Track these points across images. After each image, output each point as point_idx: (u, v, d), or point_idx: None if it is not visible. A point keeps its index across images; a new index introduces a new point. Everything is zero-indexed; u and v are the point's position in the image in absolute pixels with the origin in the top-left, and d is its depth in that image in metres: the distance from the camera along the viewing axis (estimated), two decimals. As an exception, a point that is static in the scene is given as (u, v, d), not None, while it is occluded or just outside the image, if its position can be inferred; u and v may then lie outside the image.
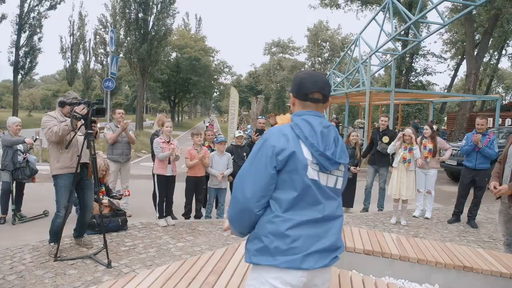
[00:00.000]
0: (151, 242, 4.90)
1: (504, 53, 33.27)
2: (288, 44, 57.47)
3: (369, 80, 16.01)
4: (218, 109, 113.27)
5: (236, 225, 1.74)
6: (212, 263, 2.77)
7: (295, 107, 1.83)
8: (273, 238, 1.63)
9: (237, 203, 1.68)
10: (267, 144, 1.66)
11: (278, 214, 1.65)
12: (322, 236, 1.68)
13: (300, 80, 1.79)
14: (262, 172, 1.64)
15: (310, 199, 1.67)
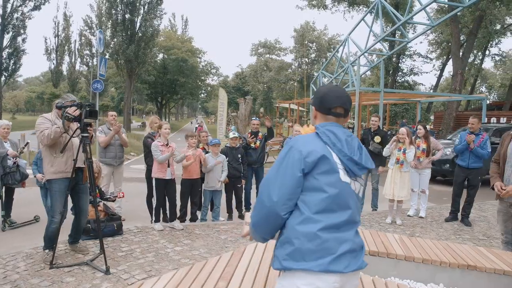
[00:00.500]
0: (148, 247, 4.80)
1: (487, 54, 33.82)
2: (274, 45, 57.55)
3: (359, 81, 16.09)
4: (204, 110, 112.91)
5: (260, 230, 1.74)
6: (219, 269, 2.71)
7: (316, 120, 1.87)
8: (305, 239, 1.62)
9: (263, 207, 1.68)
10: (294, 149, 1.69)
11: (308, 216, 1.65)
12: (350, 238, 1.69)
13: (323, 95, 1.84)
14: (289, 175, 1.65)
15: (341, 202, 1.68)
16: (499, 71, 48.32)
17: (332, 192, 1.65)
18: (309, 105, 2.82)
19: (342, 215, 1.67)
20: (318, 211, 1.65)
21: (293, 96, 52.97)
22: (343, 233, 1.67)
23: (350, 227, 1.70)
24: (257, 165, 7.28)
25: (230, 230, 5.81)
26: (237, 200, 6.90)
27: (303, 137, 1.77)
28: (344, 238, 1.66)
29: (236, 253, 3.05)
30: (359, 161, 1.73)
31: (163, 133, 5.69)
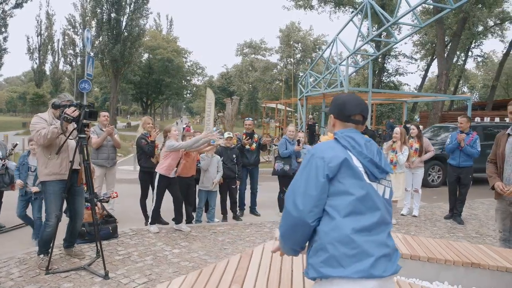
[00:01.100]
0: (145, 250, 4.70)
1: (470, 55, 34.48)
2: (260, 45, 57.67)
3: (347, 81, 16.17)
4: (189, 111, 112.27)
5: (289, 241, 1.74)
6: (230, 272, 2.65)
7: (335, 128, 1.89)
8: (339, 244, 1.60)
9: (290, 216, 1.68)
10: (316, 157, 1.71)
11: (339, 220, 1.63)
12: (383, 241, 1.66)
13: (342, 103, 1.87)
14: (313, 182, 1.66)
15: (369, 204, 1.68)
16: (481, 72, 49.34)
17: (359, 194, 1.65)
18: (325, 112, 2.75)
19: (372, 217, 1.66)
20: (347, 214, 1.63)
21: (278, 96, 53.14)
22: (376, 236, 1.64)
23: (382, 229, 1.68)
24: (252, 167, 7.25)
25: (226, 231, 5.74)
26: (231, 201, 6.84)
27: (323, 144, 1.79)
28: (377, 240, 1.64)
29: (244, 256, 2.99)
30: (379, 164, 1.74)
31: (174, 135, 5.55)
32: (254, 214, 7.26)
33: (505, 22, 29.22)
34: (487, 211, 7.88)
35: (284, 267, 2.72)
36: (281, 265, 2.75)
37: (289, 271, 2.67)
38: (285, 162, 7.01)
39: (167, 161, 5.44)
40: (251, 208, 7.35)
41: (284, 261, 2.83)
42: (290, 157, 7.03)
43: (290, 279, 2.53)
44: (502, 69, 27.85)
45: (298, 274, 2.60)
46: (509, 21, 28.75)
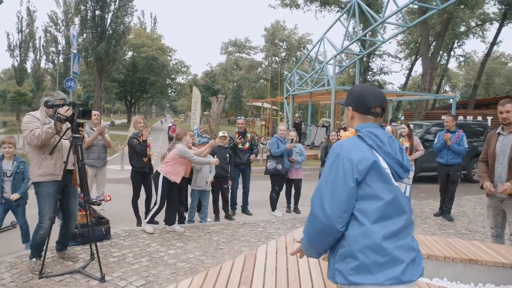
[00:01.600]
0: (140, 251, 4.61)
1: (452, 54, 35.14)
2: (245, 43, 57.70)
3: (334, 79, 16.28)
4: (173, 109, 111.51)
5: (316, 245, 1.70)
6: (237, 273, 2.61)
7: (353, 121, 1.82)
8: (370, 252, 1.55)
9: (317, 222, 1.62)
10: (343, 158, 1.63)
11: (369, 226, 1.58)
12: (410, 245, 1.63)
13: (360, 94, 1.80)
14: (341, 186, 1.59)
15: (397, 208, 1.63)
16: (462, 71, 50.30)
17: (388, 198, 1.60)
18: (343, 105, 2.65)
19: (399, 221, 1.62)
20: (376, 219, 1.59)
21: (263, 94, 53.29)
22: (404, 240, 1.61)
23: (408, 232, 1.65)
24: (244, 166, 7.22)
25: (221, 231, 5.69)
26: (223, 201, 6.79)
27: (348, 142, 1.70)
28: (405, 245, 1.61)
29: (249, 256, 2.95)
30: (403, 163, 1.70)
31: (187, 141, 5.63)
32: (246, 213, 7.22)
33: (485, 23, 29.91)
34: (474, 208, 8.02)
35: (291, 267, 2.69)
36: (287, 265, 2.73)
37: (296, 271, 2.64)
38: (277, 161, 7.00)
39: (174, 165, 5.42)
40: (243, 207, 7.31)
41: (290, 261, 2.80)
42: (282, 156, 7.02)
43: (298, 279, 2.51)
44: (483, 69, 28.42)
45: (305, 273, 2.59)
46: (489, 22, 29.46)
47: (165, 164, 5.52)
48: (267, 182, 7.86)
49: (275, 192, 7.23)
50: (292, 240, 1.90)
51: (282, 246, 3.02)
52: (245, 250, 4.87)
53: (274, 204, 7.22)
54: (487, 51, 27.62)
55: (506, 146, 4.07)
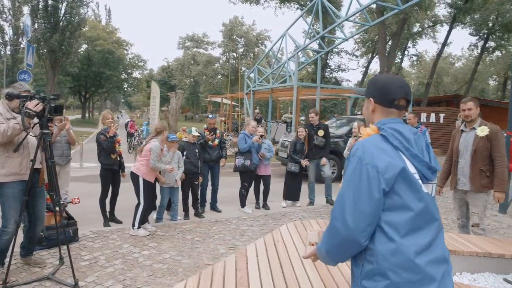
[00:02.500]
0: (112, 253, 4.38)
1: (406, 54, 36.55)
2: (202, 38, 57.19)
3: (296, 76, 16.40)
4: (128, 105, 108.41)
5: (336, 257, 1.57)
6: (231, 274, 2.51)
7: (375, 115, 1.65)
8: (402, 271, 1.41)
9: (338, 235, 1.47)
10: (366, 163, 1.45)
11: (399, 242, 1.42)
12: (442, 256, 1.50)
13: (384, 85, 1.63)
14: (366, 197, 1.43)
15: (428, 216, 1.49)
16: (414, 70, 52.51)
17: (418, 208, 1.45)
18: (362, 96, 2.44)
19: (430, 231, 1.49)
20: (407, 232, 1.43)
21: (220, 90, 53.08)
22: (436, 252, 1.48)
23: (439, 240, 1.52)
24: (213, 163, 7.11)
25: (193, 229, 5.55)
26: (193, 198, 6.66)
27: (370, 143, 1.51)
28: (437, 258, 1.47)
29: (239, 256, 2.86)
30: (431, 164, 1.54)
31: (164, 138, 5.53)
32: (215, 210, 7.11)
33: (436, 25, 31.38)
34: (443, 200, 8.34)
35: (285, 266, 2.64)
36: (281, 264, 2.67)
37: (291, 269, 2.59)
38: (246, 157, 6.95)
39: (148, 165, 5.27)
40: (212, 204, 7.20)
41: (283, 259, 2.75)
42: (251, 152, 6.98)
43: (295, 277, 2.46)
44: (435, 69, 29.79)
45: (301, 271, 2.54)
46: (439, 24, 30.94)
47: (140, 164, 5.30)
48: (234, 179, 7.80)
49: (245, 188, 7.17)
50: (308, 244, 1.79)
51: (270, 244, 2.97)
52: (221, 248, 4.78)
53: (244, 201, 7.16)
54: (439, 52, 29.00)
55: (468, 142, 4.28)
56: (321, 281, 2.44)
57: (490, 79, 42.35)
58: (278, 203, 7.66)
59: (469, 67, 40.41)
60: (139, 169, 5.27)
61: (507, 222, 6.71)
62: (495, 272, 3.79)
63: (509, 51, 32.95)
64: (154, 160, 5.24)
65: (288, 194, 7.72)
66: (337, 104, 41.26)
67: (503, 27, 26.31)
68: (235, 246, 4.88)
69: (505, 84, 37.73)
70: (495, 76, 39.96)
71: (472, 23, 27.03)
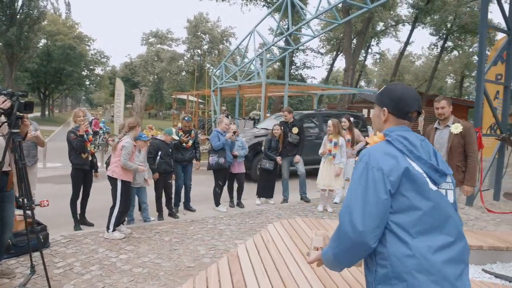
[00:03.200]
0: (88, 259, 4.16)
1: (370, 52, 37.46)
2: (166, 35, 56.37)
3: (265, 73, 16.38)
4: (89, 102, 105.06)
5: (343, 261, 1.55)
6: (226, 278, 2.41)
7: (386, 124, 1.69)
8: (417, 272, 1.41)
9: (347, 238, 1.47)
10: (372, 168, 1.49)
11: (412, 244, 1.43)
12: (459, 256, 1.50)
13: (401, 96, 1.65)
14: (373, 199, 1.45)
15: (439, 215, 1.49)
16: (377, 68, 53.97)
17: (426, 207, 1.47)
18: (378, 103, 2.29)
19: (445, 229, 1.49)
20: (418, 233, 1.45)
21: (185, 87, 52.47)
22: (451, 252, 1.47)
23: (457, 240, 1.51)
24: (186, 163, 6.98)
25: (170, 230, 5.39)
26: (167, 197, 6.50)
27: (376, 149, 1.56)
28: (454, 258, 1.47)
29: (231, 258, 2.77)
30: (440, 168, 1.56)
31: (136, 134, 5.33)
32: (189, 209, 6.97)
33: (398, 25, 32.33)
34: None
35: (280, 266, 2.58)
36: (276, 265, 2.60)
37: (287, 269, 2.53)
38: (219, 155, 6.86)
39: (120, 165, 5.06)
40: (185, 204, 7.04)
41: (276, 260, 2.69)
42: (224, 150, 6.90)
43: (292, 277, 2.40)
44: (398, 67, 30.69)
45: (297, 271, 2.48)
46: (401, 23, 31.89)
47: (115, 166, 5.07)
48: (206, 177, 7.68)
49: (219, 187, 7.07)
50: (312, 248, 1.73)
51: (261, 244, 2.90)
52: (201, 249, 4.66)
53: (218, 200, 7.05)
54: (402, 50, 29.89)
55: (443, 140, 4.39)
56: (318, 280, 2.39)
57: (448, 78, 44.14)
58: (251, 201, 7.61)
59: (429, 66, 41.95)
60: (115, 172, 5.04)
61: (474, 214, 6.96)
62: (474, 263, 3.91)
63: (466, 51, 34.52)
64: (125, 158, 4.98)
65: (262, 191, 7.68)
66: (303, 101, 41.74)
67: (460, 28, 27.48)
68: (215, 247, 4.77)
69: (462, 82, 39.51)
70: (452, 75, 41.66)
71: (432, 24, 28.04)
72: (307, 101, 43.88)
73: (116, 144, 5.16)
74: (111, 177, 5.06)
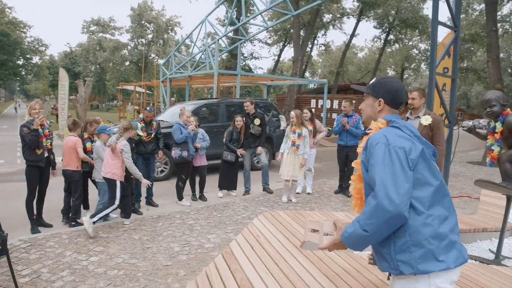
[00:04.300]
0: (55, 263, 3.86)
1: (316, 43, 38.23)
2: (109, 23, 54.11)
3: (217, 63, 16.17)
4: (25, 93, 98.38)
5: (378, 237, 1.65)
6: (229, 277, 2.32)
7: (382, 112, 1.88)
8: (433, 240, 1.61)
9: (385, 212, 1.58)
10: (394, 146, 1.66)
11: (427, 214, 1.63)
12: (456, 225, 1.72)
13: (397, 90, 1.87)
14: (402, 173, 1.61)
15: (443, 192, 1.71)
16: (321, 59, 55.34)
17: (436, 184, 1.68)
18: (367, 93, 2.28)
19: (446, 204, 1.70)
20: (430, 206, 1.65)
21: (128, 78, 50.71)
22: (452, 222, 1.69)
23: (453, 213, 1.72)
24: (148, 155, 6.74)
25: (138, 228, 5.16)
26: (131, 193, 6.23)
27: (391, 132, 1.72)
28: (455, 227, 1.70)
29: (226, 256, 2.68)
30: (436, 152, 1.82)
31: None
32: (151, 205, 6.74)
33: (344, 17, 33.27)
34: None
35: (279, 261, 2.53)
36: (274, 260, 2.56)
37: (286, 264, 2.49)
38: (182, 148, 6.72)
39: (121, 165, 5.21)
40: (148, 199, 6.81)
41: (272, 255, 2.64)
42: (187, 143, 6.75)
43: (294, 272, 2.36)
44: (344, 58, 31.63)
45: (296, 264, 2.45)
46: (346, 16, 32.86)
47: (115, 168, 5.14)
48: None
49: (182, 180, 6.92)
50: (321, 233, 1.75)
51: (252, 240, 2.83)
52: (176, 246, 4.51)
53: (181, 193, 6.90)
54: (348, 42, 30.81)
55: None
56: (319, 271, 2.39)
57: (389, 69, 46.31)
58: (213, 194, 7.53)
59: (371, 57, 43.70)
60: (116, 174, 5.13)
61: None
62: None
63: (406, 45, 36.36)
64: (129, 160, 5.21)
65: (224, 184, 7.61)
66: (251, 91, 41.92)
67: (402, 23, 28.84)
68: (189, 243, 4.64)
69: (402, 74, 41.59)
70: (393, 67, 43.74)
71: (375, 17, 29.14)
72: (255, 91, 44.10)
73: (115, 146, 5.15)
74: (109, 179, 5.12)
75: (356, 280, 2.29)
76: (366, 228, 1.62)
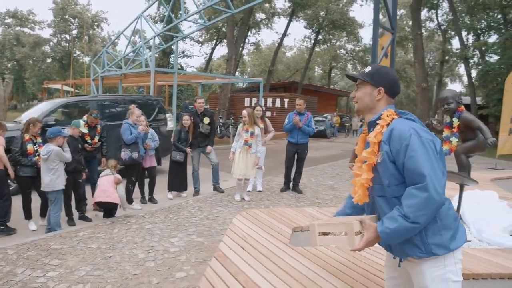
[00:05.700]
0: (7, 283, 3.42)
1: (247, 42, 38.57)
2: (28, 16, 49.97)
3: (154, 61, 15.65)
4: None
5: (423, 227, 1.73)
6: (230, 280, 2.23)
7: (379, 103, 1.91)
8: (455, 222, 1.82)
9: (434, 202, 1.66)
10: (425, 139, 1.73)
11: (447, 200, 1.81)
12: None
13: (396, 80, 1.96)
14: (438, 164, 1.71)
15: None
16: (251, 58, 56.03)
17: (446, 173, 1.79)
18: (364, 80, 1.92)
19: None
20: (444, 193, 1.75)
21: (51, 76, 47.26)
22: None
23: None
24: (90, 158, 6.37)
25: (93, 236, 4.81)
26: (77, 198, 5.88)
27: (413, 125, 1.78)
28: None
29: (222, 259, 2.57)
30: None
31: None
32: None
33: (275, 16, 33.98)
34: (309, 179, 9.14)
35: (277, 261, 2.50)
36: (271, 260, 2.52)
37: (286, 263, 2.46)
38: (132, 149, 6.44)
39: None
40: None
41: (268, 255, 2.59)
42: (137, 143, 6.49)
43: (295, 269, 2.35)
44: (276, 57, 32.29)
45: (295, 262, 2.44)
46: (277, 16, 33.61)
47: None
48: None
49: (132, 183, 6.64)
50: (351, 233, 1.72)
51: (240, 241, 2.77)
52: (140, 253, 4.27)
53: (131, 197, 6.61)
54: (280, 41, 31.48)
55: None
56: (318, 266, 2.41)
57: (317, 68, 48.19)
58: (161, 196, 7.30)
59: (300, 57, 45.10)
60: None
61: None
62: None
63: (334, 45, 38.08)
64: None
65: (174, 185, 7.40)
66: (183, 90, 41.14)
67: (331, 24, 30.15)
68: (152, 248, 4.42)
69: (330, 72, 43.53)
70: (321, 66, 45.59)
71: (305, 18, 30.13)
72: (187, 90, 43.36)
73: None
74: None
75: (354, 271, 2.35)
76: (417, 220, 1.66)
